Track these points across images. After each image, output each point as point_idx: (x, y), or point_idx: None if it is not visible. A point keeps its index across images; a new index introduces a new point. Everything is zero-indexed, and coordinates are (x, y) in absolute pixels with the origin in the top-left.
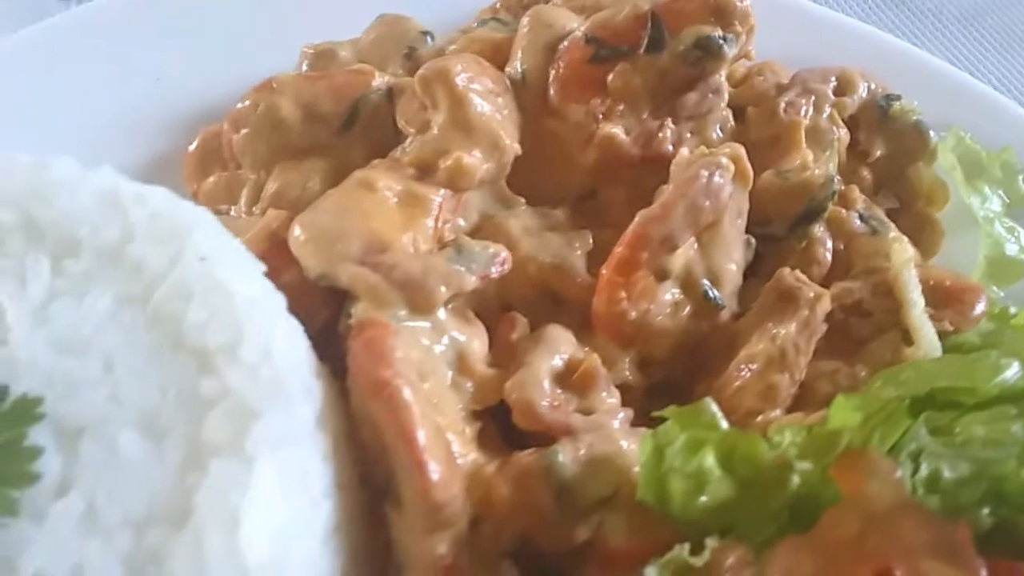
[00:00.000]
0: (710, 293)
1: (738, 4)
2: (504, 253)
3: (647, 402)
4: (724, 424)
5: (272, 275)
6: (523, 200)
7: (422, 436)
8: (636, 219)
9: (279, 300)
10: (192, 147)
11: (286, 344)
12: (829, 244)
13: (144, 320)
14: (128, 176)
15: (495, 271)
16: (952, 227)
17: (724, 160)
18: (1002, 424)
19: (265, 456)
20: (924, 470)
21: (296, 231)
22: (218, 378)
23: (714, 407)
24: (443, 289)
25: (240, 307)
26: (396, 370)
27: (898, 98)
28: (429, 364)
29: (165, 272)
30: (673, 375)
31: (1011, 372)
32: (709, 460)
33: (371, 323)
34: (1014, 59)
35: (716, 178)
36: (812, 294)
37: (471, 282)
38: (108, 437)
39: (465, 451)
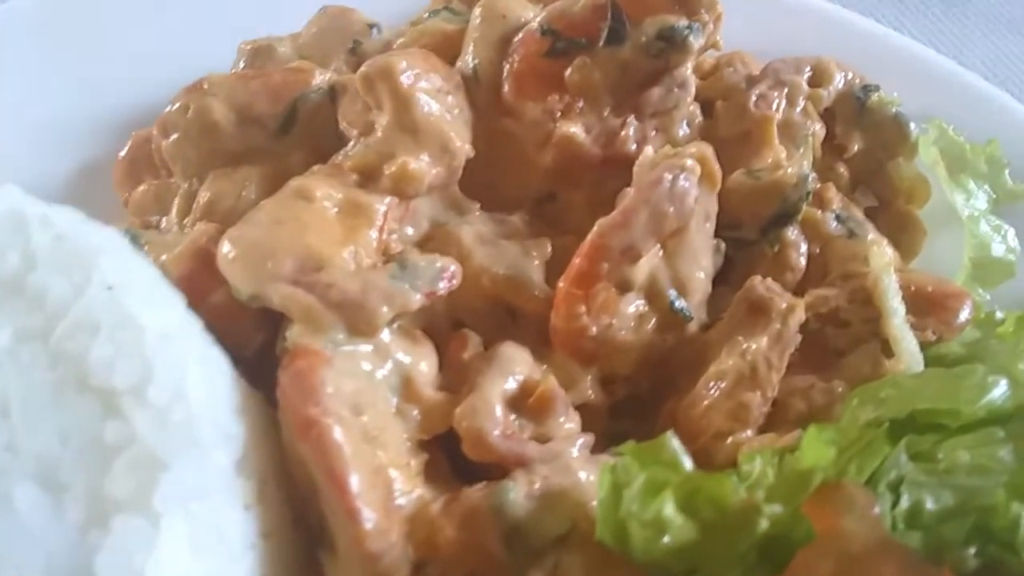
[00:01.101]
0: (677, 304)
1: None
2: (453, 267)
3: (611, 421)
4: (687, 463)
5: (201, 295)
6: (477, 205)
7: (355, 481)
8: (595, 228)
9: (197, 331)
10: (122, 153)
11: (202, 382)
12: (804, 248)
13: (45, 357)
14: (57, 185)
15: (443, 287)
16: (934, 225)
17: (689, 162)
18: (989, 449)
19: (174, 511)
20: (905, 502)
21: (225, 247)
22: (124, 423)
23: (675, 443)
24: (385, 309)
25: (150, 342)
26: (325, 408)
27: (876, 89)
28: (369, 394)
29: (69, 303)
30: (638, 391)
31: (998, 391)
32: (669, 508)
33: (301, 352)
34: (1001, 41)
35: (681, 182)
36: (784, 305)
37: (416, 300)
38: (2, 491)
39: (409, 487)
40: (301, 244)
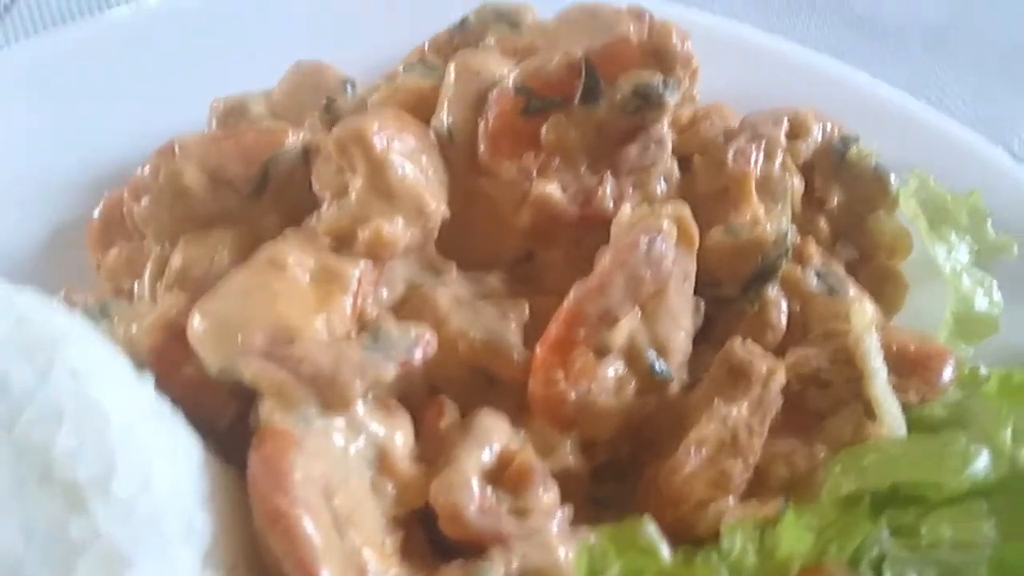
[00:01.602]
0: (657, 366)
1: (679, 47)
2: (428, 335)
3: (592, 485)
4: (664, 550)
5: (171, 368)
6: (453, 265)
7: (326, 574)
8: (571, 293)
9: (165, 416)
10: (95, 214)
11: (168, 473)
12: (784, 307)
13: (10, 449)
14: (30, 246)
15: (418, 356)
16: (916, 279)
17: (666, 224)
18: (972, 523)
19: None
20: None
21: (195, 321)
22: (88, 518)
23: (652, 529)
24: (358, 382)
25: (115, 432)
26: (293, 497)
27: (856, 140)
28: (342, 471)
29: (32, 391)
30: (619, 454)
31: (981, 463)
32: None
33: (270, 434)
34: (984, 81)
35: (657, 245)
36: (765, 369)
37: (391, 371)
38: None
39: (384, 567)
40: (272, 315)
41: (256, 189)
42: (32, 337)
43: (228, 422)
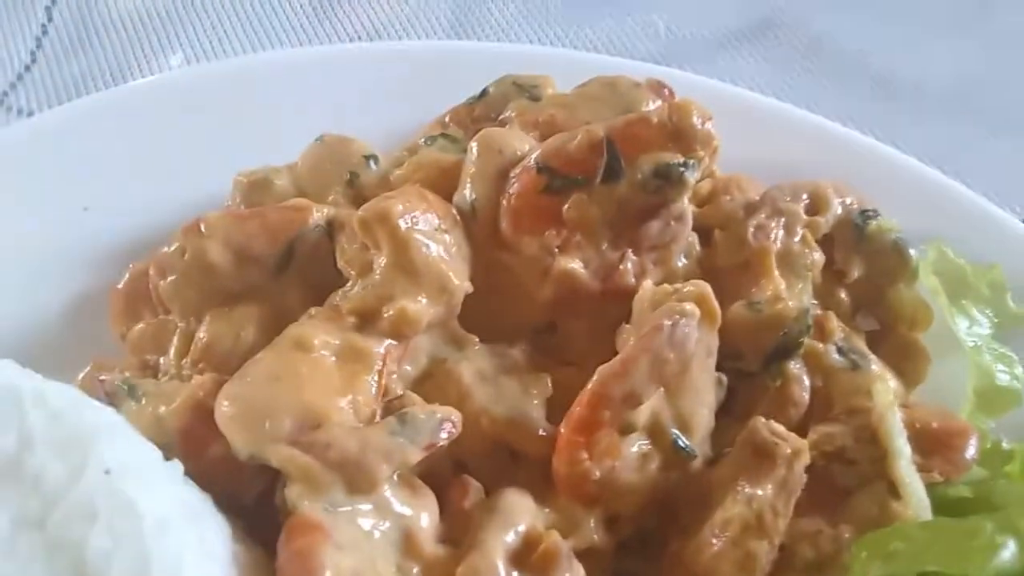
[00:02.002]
0: (680, 442)
1: (699, 127)
2: (454, 417)
3: (616, 560)
4: None
5: (199, 449)
6: (476, 339)
7: None
8: (595, 377)
9: (195, 509)
10: (120, 285)
11: (199, 571)
12: (806, 383)
13: (42, 547)
14: (53, 317)
15: (443, 438)
16: (937, 351)
17: (689, 307)
18: None
19: None
20: None
21: (223, 405)
22: None
23: None
24: (385, 467)
25: (148, 531)
26: None
27: (875, 215)
28: (369, 560)
29: (66, 488)
30: (644, 529)
31: (1007, 553)
32: None
33: (300, 527)
34: (1000, 146)
35: (681, 328)
36: (790, 451)
37: (416, 455)
38: None
39: None
40: (299, 401)
41: (280, 265)
42: (65, 434)
43: (254, 498)
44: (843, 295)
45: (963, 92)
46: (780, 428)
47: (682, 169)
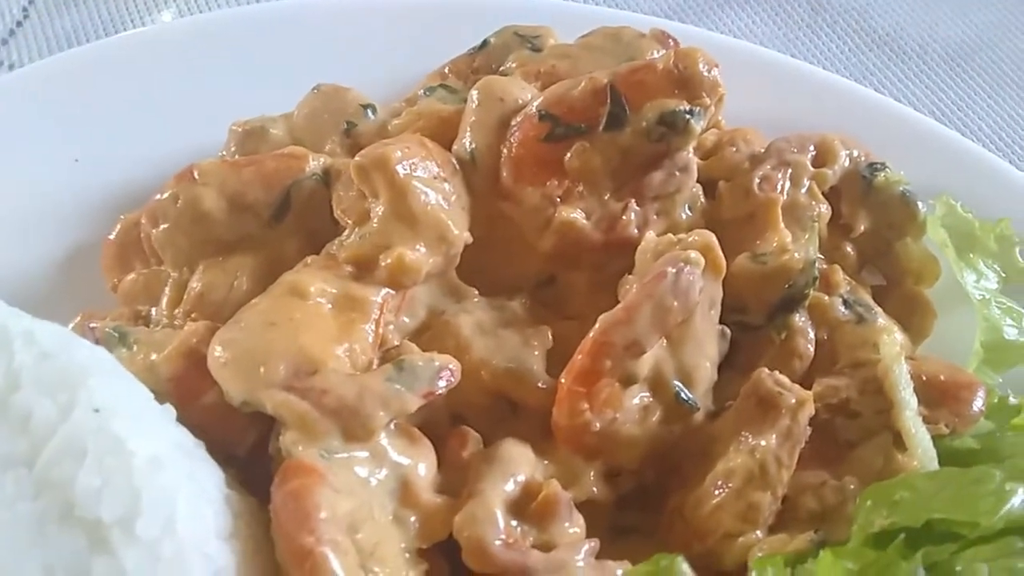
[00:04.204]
0: (682, 394)
1: (705, 74)
2: (452, 365)
3: (616, 513)
4: None
5: (192, 396)
6: (475, 291)
7: None
8: (597, 324)
9: (188, 450)
10: (111, 236)
11: (192, 512)
12: (811, 335)
13: (30, 486)
14: (44, 268)
15: (441, 386)
16: (944, 305)
17: (693, 254)
18: (1008, 560)
19: None
20: None
21: (216, 351)
22: (112, 558)
23: (686, 568)
24: (381, 414)
25: (139, 470)
26: (319, 536)
27: (883, 167)
28: (365, 506)
29: (54, 426)
30: (644, 482)
31: (1017, 500)
32: None
33: (295, 468)
34: (1005, 102)
35: (685, 275)
36: (794, 400)
37: (414, 402)
38: None
39: None
40: (294, 346)
41: (276, 214)
42: (55, 373)
43: (248, 447)
44: (849, 249)
45: (968, 50)
46: (784, 379)
47: (688, 117)
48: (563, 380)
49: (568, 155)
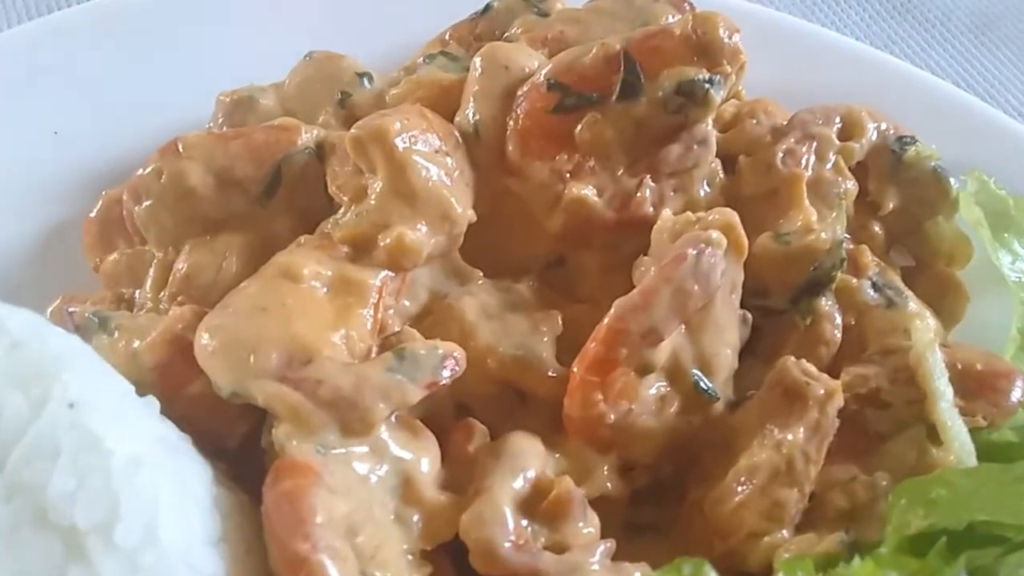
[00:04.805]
0: (702, 384)
1: (726, 40)
2: (456, 353)
3: (631, 511)
4: None
5: (177, 386)
6: (480, 273)
7: None
8: (612, 310)
9: (171, 447)
10: (93, 214)
11: (175, 517)
12: (838, 320)
13: (0, 489)
14: (24, 248)
15: (445, 376)
16: (977, 288)
17: (715, 235)
18: None
19: None
20: None
21: (203, 338)
22: (89, 568)
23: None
24: (381, 406)
25: (117, 470)
26: (315, 542)
27: (913, 141)
28: (365, 505)
29: (27, 423)
30: (661, 477)
31: None
32: None
33: (288, 467)
34: None
35: (706, 258)
36: (822, 391)
37: (416, 394)
38: None
39: None
40: (287, 334)
41: (267, 190)
42: (27, 364)
43: (239, 439)
44: (877, 228)
45: (994, 17)
46: (811, 368)
47: (707, 86)
48: (575, 369)
49: (579, 127)
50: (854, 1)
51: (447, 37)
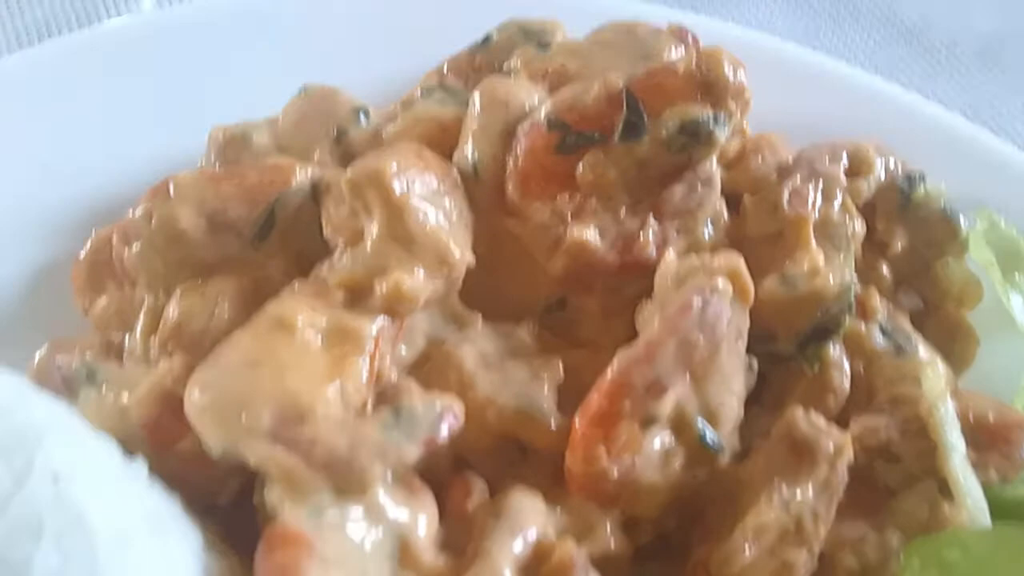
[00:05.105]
0: (707, 436)
1: (731, 78)
2: (455, 408)
3: (635, 568)
4: None
5: (167, 443)
6: (479, 316)
7: None
8: (615, 363)
9: (160, 522)
10: (82, 254)
11: None
12: (847, 367)
13: None
14: (9, 289)
15: (444, 433)
16: (987, 331)
17: (721, 282)
18: None
19: None
20: None
21: (194, 395)
22: None
23: None
24: (378, 466)
25: (103, 548)
26: None
27: (922, 179)
28: (360, 573)
29: (8, 496)
30: (665, 532)
31: None
32: None
33: (281, 538)
34: None
35: (712, 306)
36: (832, 446)
37: (413, 452)
38: None
39: None
40: (280, 389)
41: (260, 232)
42: (9, 433)
43: (230, 498)
44: (884, 270)
45: (1001, 44)
46: (821, 421)
47: (712, 125)
48: (577, 422)
49: (580, 167)
50: (859, 26)
51: (445, 69)
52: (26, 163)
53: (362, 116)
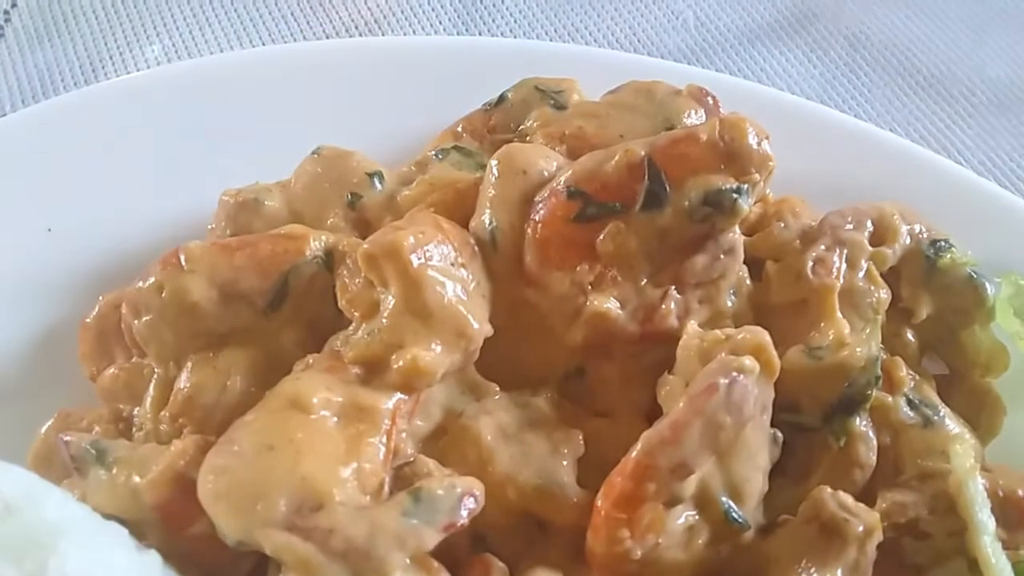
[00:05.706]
0: (732, 512)
1: (755, 147)
2: (476, 490)
3: None
4: None
5: (180, 526)
6: (496, 387)
7: None
8: (640, 444)
9: None
10: (89, 319)
11: None
12: (873, 441)
13: None
14: (15, 352)
15: (464, 516)
16: (1012, 399)
17: (748, 361)
18: None
19: None
20: None
21: (208, 481)
22: None
23: None
24: (397, 555)
25: None
26: None
27: (948, 245)
28: None
29: None
30: None
31: None
32: None
33: None
34: None
35: (738, 387)
36: (861, 528)
37: (433, 538)
38: None
39: None
40: (296, 475)
41: (273, 303)
42: (21, 534)
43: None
44: (910, 337)
45: (1020, 92)
46: (850, 501)
47: (735, 195)
48: (600, 503)
49: (600, 237)
50: (876, 77)
51: (459, 129)
52: (30, 225)
53: (376, 180)
